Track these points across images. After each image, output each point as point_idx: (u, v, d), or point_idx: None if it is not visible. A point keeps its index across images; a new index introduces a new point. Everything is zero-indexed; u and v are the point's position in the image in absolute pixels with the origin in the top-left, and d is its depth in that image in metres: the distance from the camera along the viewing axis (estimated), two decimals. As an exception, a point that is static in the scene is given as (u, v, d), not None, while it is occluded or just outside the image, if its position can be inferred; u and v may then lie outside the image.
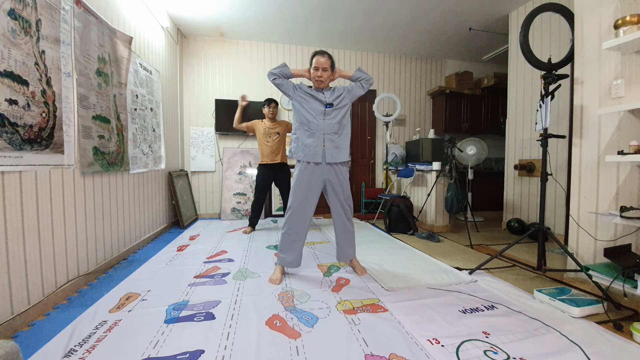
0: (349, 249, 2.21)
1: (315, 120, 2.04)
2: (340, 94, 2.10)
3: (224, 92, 4.51)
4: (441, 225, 3.68)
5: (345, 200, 2.17)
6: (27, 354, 1.26)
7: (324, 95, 2.07)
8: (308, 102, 2.06)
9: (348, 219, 2.18)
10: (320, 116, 2.05)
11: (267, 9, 3.61)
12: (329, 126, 2.05)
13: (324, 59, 2.02)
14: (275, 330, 1.43)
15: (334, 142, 2.06)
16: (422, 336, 1.39)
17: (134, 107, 2.75)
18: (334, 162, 2.07)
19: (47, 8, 1.65)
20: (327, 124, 2.05)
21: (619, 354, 1.27)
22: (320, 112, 2.05)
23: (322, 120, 2.05)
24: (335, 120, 2.06)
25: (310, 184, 2.09)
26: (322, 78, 2.03)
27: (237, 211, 4.35)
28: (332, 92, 2.10)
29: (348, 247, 2.20)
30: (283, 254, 2.10)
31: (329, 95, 2.08)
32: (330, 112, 2.05)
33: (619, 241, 1.80)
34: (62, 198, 1.81)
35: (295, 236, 2.08)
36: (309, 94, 2.08)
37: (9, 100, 1.39)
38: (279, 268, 2.11)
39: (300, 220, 2.09)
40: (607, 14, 1.84)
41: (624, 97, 1.76)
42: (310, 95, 2.07)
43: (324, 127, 2.04)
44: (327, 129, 2.04)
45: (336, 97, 2.08)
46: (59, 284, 1.76)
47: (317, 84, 2.07)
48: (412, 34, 4.28)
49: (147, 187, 3.10)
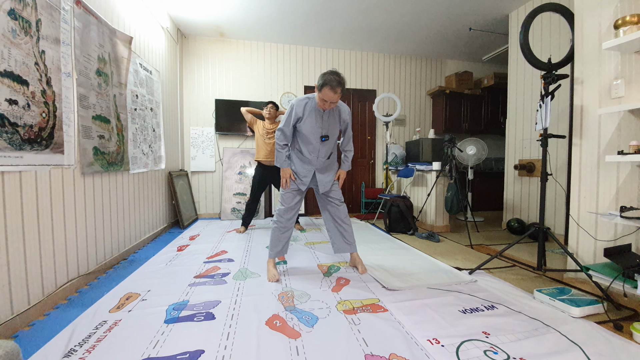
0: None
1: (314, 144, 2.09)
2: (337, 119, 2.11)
3: (224, 92, 4.51)
4: (441, 225, 3.68)
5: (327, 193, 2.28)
6: (27, 354, 1.26)
7: (321, 121, 2.06)
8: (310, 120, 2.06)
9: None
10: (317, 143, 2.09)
11: (267, 9, 3.61)
12: (323, 151, 2.14)
13: (336, 96, 1.89)
14: (275, 330, 1.43)
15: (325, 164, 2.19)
16: (422, 336, 1.39)
17: (134, 107, 2.75)
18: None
19: (47, 8, 1.65)
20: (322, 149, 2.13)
21: (619, 354, 1.27)
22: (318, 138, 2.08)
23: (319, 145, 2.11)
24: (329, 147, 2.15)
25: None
26: (325, 106, 1.97)
27: (237, 211, 4.35)
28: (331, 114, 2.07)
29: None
30: (275, 247, 2.18)
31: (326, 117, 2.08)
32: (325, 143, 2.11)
33: (619, 241, 1.80)
34: (62, 198, 1.81)
35: (286, 228, 2.18)
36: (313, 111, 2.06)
37: (9, 100, 1.39)
38: (271, 262, 2.16)
39: (290, 212, 2.18)
40: (607, 14, 1.84)
41: (624, 97, 1.76)
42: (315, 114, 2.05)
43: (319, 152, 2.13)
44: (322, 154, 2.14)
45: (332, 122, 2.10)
46: (59, 284, 1.76)
47: (322, 109, 2.02)
48: (412, 34, 4.27)
49: (147, 187, 3.10)
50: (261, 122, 3.47)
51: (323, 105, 1.95)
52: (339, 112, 2.08)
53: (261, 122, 3.46)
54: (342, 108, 2.09)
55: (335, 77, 1.85)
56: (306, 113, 2.02)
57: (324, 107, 1.96)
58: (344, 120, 2.12)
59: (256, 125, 3.47)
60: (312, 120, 2.02)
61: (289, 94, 4.66)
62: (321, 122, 2.03)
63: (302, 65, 4.72)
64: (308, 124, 2.02)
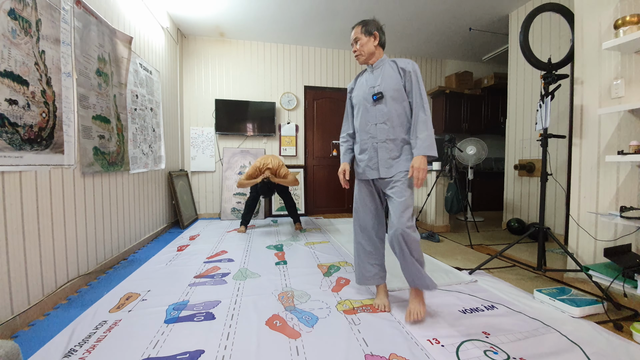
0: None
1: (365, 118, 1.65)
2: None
3: (224, 92, 4.51)
4: (441, 225, 3.68)
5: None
6: (27, 354, 1.26)
7: (373, 77, 1.63)
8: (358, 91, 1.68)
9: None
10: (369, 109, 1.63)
11: (267, 9, 3.61)
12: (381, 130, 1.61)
13: (354, 32, 1.64)
14: (275, 330, 1.43)
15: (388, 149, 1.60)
16: (422, 336, 1.39)
17: (134, 107, 2.75)
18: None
19: (47, 8, 1.65)
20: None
21: (619, 354, 1.27)
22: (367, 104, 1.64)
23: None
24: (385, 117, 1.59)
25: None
26: (356, 53, 1.65)
27: (237, 211, 4.35)
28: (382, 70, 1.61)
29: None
30: (358, 269, 1.78)
31: (378, 75, 1.61)
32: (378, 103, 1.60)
33: (619, 241, 1.80)
34: (62, 198, 1.81)
35: (367, 248, 1.75)
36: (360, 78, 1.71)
37: (9, 100, 1.39)
38: (382, 289, 1.75)
39: (368, 227, 1.74)
40: (607, 14, 1.84)
41: (624, 97, 1.76)
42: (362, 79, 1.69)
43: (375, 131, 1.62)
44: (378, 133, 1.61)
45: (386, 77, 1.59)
46: (59, 284, 1.76)
47: (358, 61, 1.69)
48: (412, 34, 4.27)
49: (147, 187, 3.10)
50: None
51: (355, 55, 1.65)
52: (396, 63, 1.60)
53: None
54: (399, 60, 1.61)
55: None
56: (358, 81, 1.74)
57: (355, 55, 1.65)
58: (403, 69, 1.56)
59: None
60: (363, 81, 1.68)
61: (289, 94, 4.66)
62: (372, 79, 1.63)
63: (302, 65, 4.72)
64: (359, 89, 1.69)
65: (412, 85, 1.54)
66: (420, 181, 1.47)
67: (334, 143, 4.92)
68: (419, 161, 1.47)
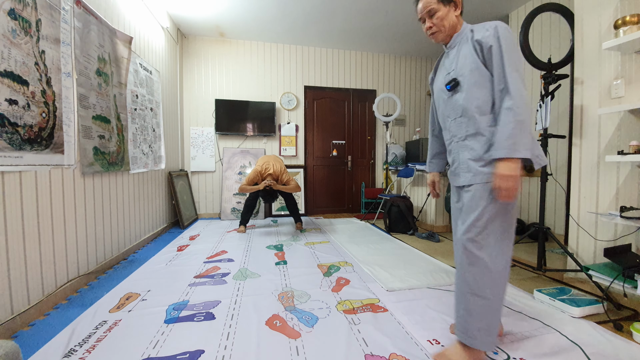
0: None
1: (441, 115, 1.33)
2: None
3: (224, 92, 4.51)
4: (441, 225, 3.68)
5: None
6: (27, 354, 1.26)
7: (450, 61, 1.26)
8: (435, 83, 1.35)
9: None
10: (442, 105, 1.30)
11: (267, 9, 3.61)
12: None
13: (422, 4, 1.23)
14: (275, 330, 1.43)
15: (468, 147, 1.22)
16: (422, 336, 1.39)
17: (134, 107, 2.75)
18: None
19: (47, 8, 1.65)
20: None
21: (619, 354, 1.27)
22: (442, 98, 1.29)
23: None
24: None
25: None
26: (431, 30, 1.25)
27: (237, 211, 4.35)
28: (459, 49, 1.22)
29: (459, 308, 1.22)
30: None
31: (453, 56, 1.24)
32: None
33: (619, 241, 1.80)
34: (62, 198, 1.81)
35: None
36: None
37: (9, 100, 1.39)
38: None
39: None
40: (607, 14, 1.84)
41: (624, 97, 1.76)
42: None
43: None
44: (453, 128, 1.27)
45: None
46: (59, 284, 1.76)
47: (434, 40, 1.30)
48: (412, 34, 4.27)
49: (147, 187, 3.10)
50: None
51: (431, 33, 1.26)
52: (473, 32, 1.18)
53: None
54: (477, 27, 1.18)
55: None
56: (437, 68, 1.38)
57: (430, 33, 1.26)
58: (479, 42, 1.13)
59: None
60: (442, 67, 1.33)
61: (289, 94, 4.66)
62: (448, 62, 1.27)
63: (302, 65, 4.72)
64: (438, 78, 1.34)
65: (493, 59, 1.10)
66: (505, 194, 1.06)
67: (334, 143, 4.92)
68: (500, 166, 1.07)
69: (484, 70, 1.14)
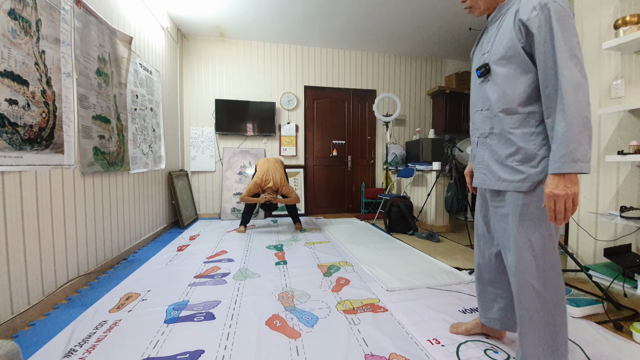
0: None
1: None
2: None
3: (224, 92, 4.51)
4: (441, 225, 3.68)
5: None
6: (27, 354, 1.26)
7: (488, 39, 1.09)
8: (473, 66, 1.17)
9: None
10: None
11: (267, 9, 3.61)
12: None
13: None
14: (275, 330, 1.43)
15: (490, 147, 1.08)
16: (422, 336, 1.39)
17: (134, 107, 2.75)
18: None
19: (47, 8, 1.65)
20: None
21: (619, 354, 1.27)
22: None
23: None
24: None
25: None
26: (465, 4, 1.13)
27: (237, 211, 4.35)
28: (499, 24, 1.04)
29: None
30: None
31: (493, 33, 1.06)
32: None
33: (619, 241, 1.80)
34: (62, 198, 1.81)
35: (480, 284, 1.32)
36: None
37: (9, 100, 1.39)
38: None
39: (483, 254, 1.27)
40: (607, 14, 1.84)
41: (624, 97, 1.76)
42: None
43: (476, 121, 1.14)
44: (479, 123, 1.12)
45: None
46: (59, 284, 1.76)
47: (473, 14, 1.14)
48: (412, 34, 4.27)
49: (147, 187, 3.10)
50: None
51: (467, 6, 1.14)
52: (517, 9, 0.95)
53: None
54: (524, 1, 0.94)
55: None
56: (479, 40, 1.19)
57: (467, 6, 1.14)
58: (522, 23, 0.92)
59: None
60: (480, 44, 1.16)
61: (289, 94, 4.66)
62: (486, 39, 1.10)
63: (302, 65, 4.72)
64: (476, 55, 1.18)
65: (543, 41, 0.87)
66: (559, 216, 0.86)
67: (333, 143, 4.92)
68: (552, 183, 0.87)
69: (524, 59, 0.93)
